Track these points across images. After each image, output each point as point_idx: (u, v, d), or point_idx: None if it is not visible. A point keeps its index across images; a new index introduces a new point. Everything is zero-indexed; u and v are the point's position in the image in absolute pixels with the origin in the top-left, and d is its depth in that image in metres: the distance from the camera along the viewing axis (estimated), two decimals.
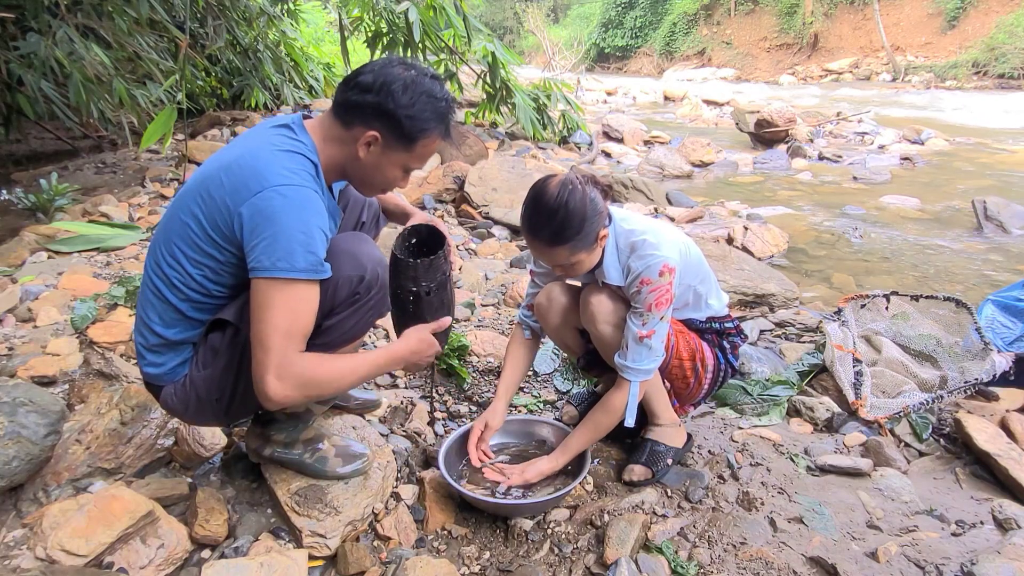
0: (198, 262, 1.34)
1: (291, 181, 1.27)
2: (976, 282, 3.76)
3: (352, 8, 6.03)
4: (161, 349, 1.42)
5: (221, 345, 1.39)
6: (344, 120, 1.37)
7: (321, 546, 1.49)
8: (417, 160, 1.43)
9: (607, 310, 1.67)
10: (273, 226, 1.24)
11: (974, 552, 1.52)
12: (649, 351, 1.63)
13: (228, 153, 1.36)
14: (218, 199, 1.30)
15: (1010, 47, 16.61)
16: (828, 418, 2.12)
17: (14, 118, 4.91)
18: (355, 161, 1.40)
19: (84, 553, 1.35)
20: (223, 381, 1.40)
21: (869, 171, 6.71)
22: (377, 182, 1.46)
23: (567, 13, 33.74)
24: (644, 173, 6.73)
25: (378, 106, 1.32)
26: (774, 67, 22.49)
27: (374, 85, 1.32)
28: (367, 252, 1.42)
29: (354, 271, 1.38)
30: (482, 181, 4.89)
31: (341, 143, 1.38)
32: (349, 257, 1.38)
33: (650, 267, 1.57)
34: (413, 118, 1.34)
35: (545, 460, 1.73)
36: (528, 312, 1.91)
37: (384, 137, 1.36)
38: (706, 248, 3.40)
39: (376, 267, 1.43)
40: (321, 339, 1.39)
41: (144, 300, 1.42)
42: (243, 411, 1.51)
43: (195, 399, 1.42)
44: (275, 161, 1.29)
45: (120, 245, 3.40)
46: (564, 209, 1.50)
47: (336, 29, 6.63)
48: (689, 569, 1.48)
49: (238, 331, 1.36)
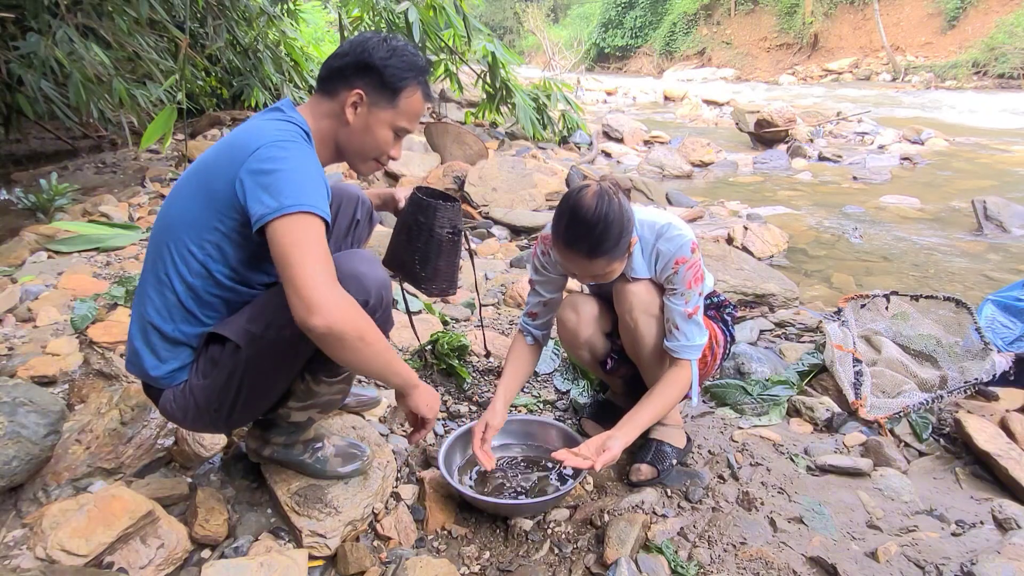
0: (201, 240, 1.32)
1: (286, 138, 1.29)
2: (976, 282, 3.76)
3: (352, 8, 6.03)
4: (159, 346, 1.39)
5: (221, 357, 1.36)
6: (328, 91, 1.40)
7: (321, 546, 1.49)
8: (404, 117, 1.43)
9: (646, 300, 1.68)
10: (274, 173, 1.23)
11: (974, 552, 1.52)
12: (698, 327, 1.67)
13: (221, 140, 1.39)
14: (216, 172, 1.31)
15: (1010, 47, 16.61)
16: (828, 418, 2.12)
17: (14, 118, 4.92)
18: (345, 129, 1.41)
19: (84, 553, 1.35)
20: (223, 393, 1.38)
21: (869, 171, 6.71)
22: (369, 147, 1.44)
23: (567, 13, 33.75)
24: (644, 173, 6.73)
25: (357, 62, 1.37)
26: (774, 67, 22.50)
27: (351, 48, 1.39)
28: (372, 274, 1.37)
29: (359, 295, 1.32)
30: (482, 181, 4.89)
31: (330, 116, 1.41)
32: (353, 280, 1.33)
33: (682, 246, 1.61)
34: (392, 67, 1.38)
35: (619, 436, 1.61)
36: (530, 320, 1.89)
37: (368, 93, 1.38)
38: (706, 248, 3.40)
39: (380, 289, 1.37)
40: (321, 365, 1.40)
41: (141, 298, 1.41)
42: (242, 421, 1.51)
43: (194, 407, 1.40)
44: (267, 127, 1.31)
45: (120, 245, 3.40)
46: (604, 222, 1.48)
47: (336, 29, 6.62)
48: (689, 569, 1.48)
49: (238, 348, 1.34)
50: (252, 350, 1.33)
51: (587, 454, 1.58)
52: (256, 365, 1.35)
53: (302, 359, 1.39)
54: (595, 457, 1.55)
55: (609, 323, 1.87)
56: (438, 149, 6.00)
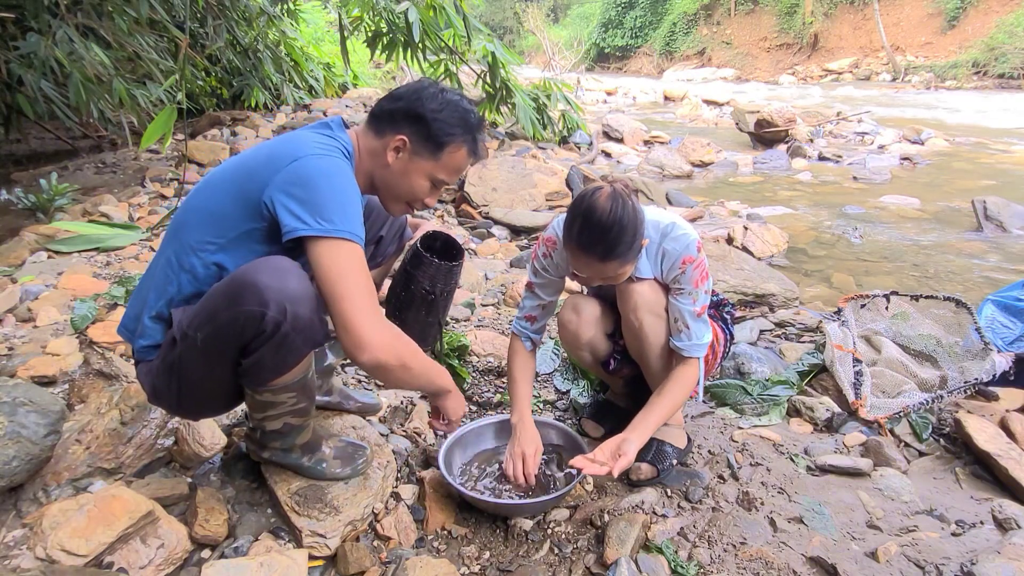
0: (221, 233, 1.33)
1: (326, 153, 1.31)
2: (976, 282, 3.76)
3: (352, 8, 6.02)
4: (146, 323, 1.39)
5: (166, 346, 1.35)
6: (377, 129, 1.42)
7: (321, 546, 1.49)
8: (444, 171, 1.44)
9: (651, 299, 1.68)
10: (315, 188, 1.25)
11: (974, 552, 1.52)
12: (705, 325, 1.69)
13: (263, 143, 1.40)
14: (252, 173, 1.31)
15: (1010, 47, 16.61)
16: (828, 418, 2.12)
17: (14, 118, 4.91)
18: (384, 170, 1.43)
19: (84, 553, 1.35)
20: (167, 381, 1.37)
21: (869, 171, 6.71)
22: (403, 191, 1.46)
23: (567, 13, 33.75)
24: (644, 173, 6.74)
25: (408, 110, 1.39)
26: (774, 67, 22.49)
27: (406, 93, 1.41)
28: (276, 284, 1.24)
29: (257, 306, 1.22)
30: (482, 181, 4.89)
31: (373, 154, 1.43)
32: (254, 291, 1.23)
33: (688, 245, 1.63)
34: (440, 122, 1.39)
35: (633, 439, 1.59)
36: (528, 324, 1.85)
37: (412, 142, 1.40)
38: (706, 248, 3.40)
39: (285, 303, 1.23)
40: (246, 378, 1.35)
41: (145, 283, 1.41)
42: (197, 412, 1.51)
43: (151, 386, 1.41)
44: (309, 139, 1.34)
45: (120, 245, 3.40)
46: (618, 225, 1.48)
47: (336, 29, 6.62)
48: (689, 569, 1.48)
49: (174, 341, 1.32)
50: (182, 346, 1.32)
51: (603, 459, 1.57)
52: (184, 363, 1.34)
53: (221, 369, 1.33)
54: (612, 463, 1.55)
55: (610, 324, 1.87)
56: None
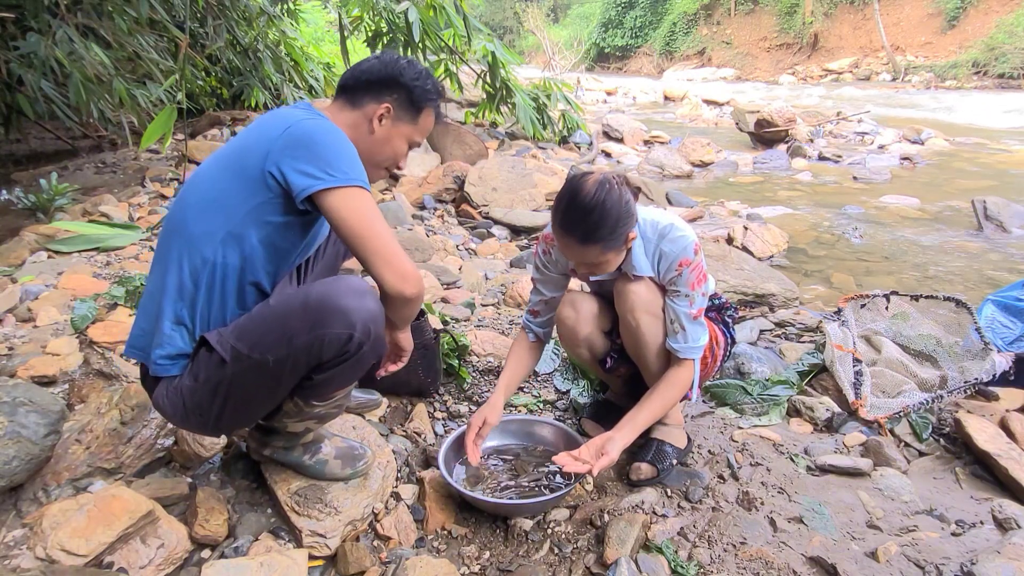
0: (227, 220, 1.32)
1: (315, 116, 1.36)
2: (976, 282, 3.76)
3: (352, 8, 6.02)
4: (166, 330, 1.36)
5: (209, 366, 1.34)
6: (352, 100, 1.48)
7: (321, 546, 1.49)
8: (419, 133, 1.55)
9: (647, 299, 1.68)
10: (316, 145, 1.29)
11: (974, 552, 1.52)
12: (702, 327, 1.69)
13: (245, 130, 1.42)
14: (247, 150, 1.33)
15: (1010, 47, 16.62)
16: (828, 418, 2.12)
17: (14, 118, 4.91)
18: (367, 138, 1.48)
19: (84, 553, 1.35)
20: (209, 402, 1.37)
21: (869, 171, 6.72)
22: (386, 156, 1.54)
23: (567, 13, 33.75)
24: (644, 173, 6.74)
25: (389, 79, 1.47)
26: (774, 67, 22.50)
27: (382, 65, 1.48)
28: (359, 307, 1.30)
29: (344, 328, 1.28)
30: (482, 181, 4.89)
31: (352, 125, 1.48)
32: (339, 314, 1.28)
33: (685, 248, 1.63)
34: (420, 88, 1.49)
35: (617, 439, 1.61)
36: (532, 317, 1.90)
37: (395, 108, 1.48)
38: (706, 248, 3.40)
39: (368, 323, 1.31)
40: (310, 391, 1.40)
41: (153, 294, 1.39)
42: (232, 428, 1.53)
43: (182, 408, 1.39)
44: (292, 111, 1.38)
45: (120, 245, 3.40)
46: (600, 208, 1.49)
47: (336, 29, 6.62)
48: (689, 569, 1.48)
49: (224, 361, 1.31)
50: (237, 367, 1.31)
51: (586, 458, 1.58)
52: (240, 383, 1.34)
53: (286, 387, 1.38)
54: (593, 461, 1.57)
55: (608, 322, 1.87)
56: (438, 149, 5.99)
